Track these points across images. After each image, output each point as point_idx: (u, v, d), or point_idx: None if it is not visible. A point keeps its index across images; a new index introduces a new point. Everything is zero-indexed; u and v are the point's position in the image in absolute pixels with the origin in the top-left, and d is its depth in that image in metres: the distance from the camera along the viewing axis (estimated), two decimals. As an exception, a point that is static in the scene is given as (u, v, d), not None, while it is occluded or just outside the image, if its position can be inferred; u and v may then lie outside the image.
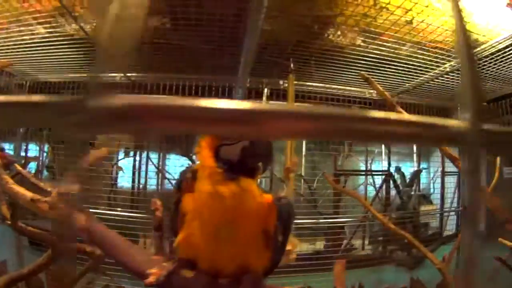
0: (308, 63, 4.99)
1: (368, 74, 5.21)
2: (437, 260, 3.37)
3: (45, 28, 4.62)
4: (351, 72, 5.37)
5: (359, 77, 5.43)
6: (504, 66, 5.10)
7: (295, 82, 4.35)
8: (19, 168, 3.17)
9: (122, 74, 5.79)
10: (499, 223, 2.85)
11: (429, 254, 3.46)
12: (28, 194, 2.11)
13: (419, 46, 4.67)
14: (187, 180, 1.44)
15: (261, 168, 1.41)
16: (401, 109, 2.98)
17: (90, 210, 4.85)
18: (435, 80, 5.61)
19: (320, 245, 6.63)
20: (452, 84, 5.71)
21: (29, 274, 2.71)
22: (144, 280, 1.44)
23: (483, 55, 4.75)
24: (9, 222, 2.64)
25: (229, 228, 1.34)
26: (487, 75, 5.36)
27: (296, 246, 3.50)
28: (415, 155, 8.00)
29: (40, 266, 2.66)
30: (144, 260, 1.54)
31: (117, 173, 6.60)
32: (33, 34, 4.72)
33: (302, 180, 6.89)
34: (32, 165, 6.89)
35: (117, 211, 5.63)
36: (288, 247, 3.41)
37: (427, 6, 3.92)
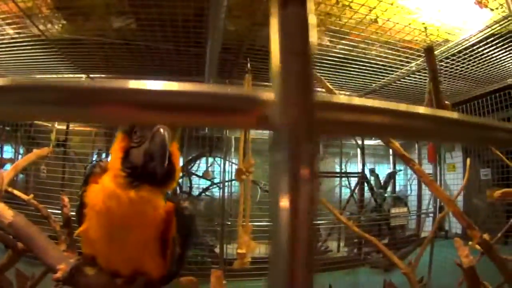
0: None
1: (334, 74, 5.23)
2: (403, 264, 3.35)
3: (13, 29, 4.61)
4: (316, 72, 5.35)
5: (325, 78, 5.46)
6: (472, 66, 5.12)
7: (254, 82, 4.32)
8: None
9: (85, 75, 5.79)
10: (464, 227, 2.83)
11: (394, 259, 3.43)
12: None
13: (386, 46, 4.67)
14: (95, 174, 1.42)
15: (174, 177, 1.39)
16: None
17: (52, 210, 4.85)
18: (401, 80, 5.61)
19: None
20: (418, 84, 5.71)
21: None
22: (52, 275, 1.44)
23: (450, 54, 4.76)
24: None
25: (121, 232, 1.33)
26: (455, 75, 5.38)
27: (253, 250, 3.46)
28: (390, 157, 8.05)
29: (2, 267, 2.67)
30: (57, 256, 1.54)
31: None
32: (1, 34, 4.70)
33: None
34: (8, 167, 6.88)
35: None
36: (243, 250, 3.38)
37: (391, 4, 3.91)
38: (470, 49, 4.72)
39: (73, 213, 1.68)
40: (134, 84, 0.37)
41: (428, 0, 3.92)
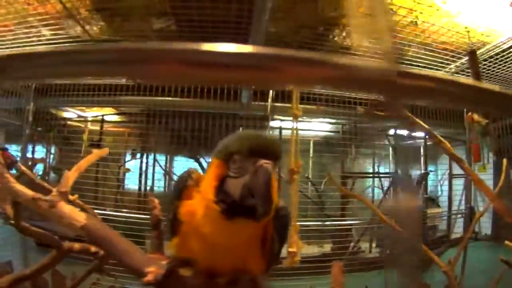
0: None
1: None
2: (443, 263, 3.35)
3: (50, 30, 4.64)
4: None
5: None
6: (509, 67, 5.10)
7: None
8: (23, 168, 3.17)
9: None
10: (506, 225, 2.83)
11: (435, 257, 3.44)
12: (29, 192, 2.08)
13: (425, 47, 4.67)
14: (188, 187, 1.39)
15: (267, 212, 1.23)
16: (407, 113, 2.95)
17: (97, 211, 4.89)
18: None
19: (327, 247, 6.63)
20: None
21: (33, 274, 2.70)
22: (142, 279, 1.42)
23: (488, 56, 4.75)
24: (12, 222, 2.63)
25: (222, 250, 1.31)
26: (492, 76, 5.37)
27: (301, 249, 3.48)
28: (422, 158, 8.01)
29: (44, 267, 2.65)
30: (142, 259, 1.52)
31: (124, 175, 6.64)
32: (39, 36, 4.73)
33: (309, 183, 6.90)
34: (39, 167, 6.93)
35: (123, 212, 5.65)
36: (294, 249, 3.40)
37: (431, 7, 3.91)
38: (508, 51, 4.72)
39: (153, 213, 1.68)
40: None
41: (467, 4, 3.92)
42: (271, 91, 5.79)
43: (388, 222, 3.71)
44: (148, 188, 6.50)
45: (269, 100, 5.78)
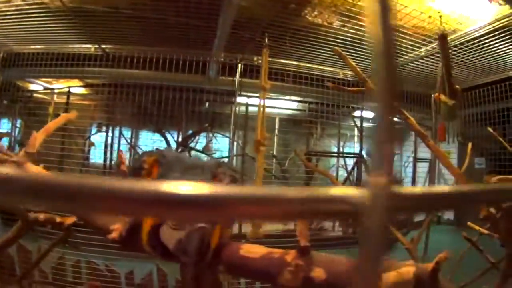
0: (283, 40, 4.99)
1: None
2: (406, 240, 3.41)
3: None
4: (325, 51, 5.39)
5: (334, 57, 5.46)
6: (478, 56, 5.21)
7: (269, 59, 4.34)
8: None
9: (96, 46, 5.73)
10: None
11: (398, 235, 3.50)
12: (-8, 154, 2.03)
13: (396, 30, 4.70)
14: (141, 176, 1.33)
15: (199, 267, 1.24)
16: (372, 85, 2.98)
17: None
18: (409, 64, 5.66)
19: (291, 224, 6.69)
20: (426, 69, 5.79)
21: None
22: (107, 236, 1.40)
23: (458, 43, 4.83)
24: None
25: None
26: (460, 64, 5.45)
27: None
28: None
29: (9, 240, 2.59)
30: (108, 217, 1.52)
31: (89, 148, 6.59)
32: (8, 2, 4.62)
33: (274, 160, 6.94)
34: (4, 141, 6.83)
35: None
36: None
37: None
38: (478, 40, 4.81)
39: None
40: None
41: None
42: (239, 66, 5.80)
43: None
44: (113, 162, 6.46)
45: (237, 75, 5.79)
